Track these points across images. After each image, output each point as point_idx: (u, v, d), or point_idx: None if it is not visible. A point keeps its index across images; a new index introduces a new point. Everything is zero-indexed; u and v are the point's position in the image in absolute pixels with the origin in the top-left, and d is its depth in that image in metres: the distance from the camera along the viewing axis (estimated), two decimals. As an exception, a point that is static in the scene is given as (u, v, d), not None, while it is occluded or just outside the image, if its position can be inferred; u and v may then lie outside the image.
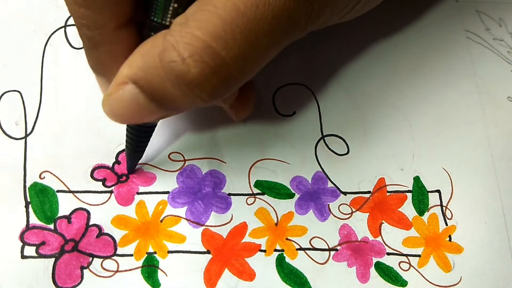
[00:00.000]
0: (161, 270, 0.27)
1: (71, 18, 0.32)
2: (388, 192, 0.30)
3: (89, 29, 0.20)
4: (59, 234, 0.27)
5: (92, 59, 0.22)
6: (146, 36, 0.21)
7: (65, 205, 0.28)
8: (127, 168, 0.28)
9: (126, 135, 0.26)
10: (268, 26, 0.19)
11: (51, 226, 0.27)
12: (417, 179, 0.30)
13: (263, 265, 0.27)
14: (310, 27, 0.21)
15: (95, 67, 0.22)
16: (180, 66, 0.18)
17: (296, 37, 0.20)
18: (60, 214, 0.28)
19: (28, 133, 0.29)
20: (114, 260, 0.27)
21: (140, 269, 0.27)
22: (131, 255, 0.27)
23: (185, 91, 0.19)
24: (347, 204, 0.29)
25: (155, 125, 0.26)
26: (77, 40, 0.32)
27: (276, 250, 0.28)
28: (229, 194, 0.29)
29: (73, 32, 0.32)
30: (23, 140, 0.29)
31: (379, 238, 0.29)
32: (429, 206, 0.30)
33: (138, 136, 0.26)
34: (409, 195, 0.30)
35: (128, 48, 0.21)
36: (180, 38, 0.18)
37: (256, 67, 0.20)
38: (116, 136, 0.30)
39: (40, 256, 0.26)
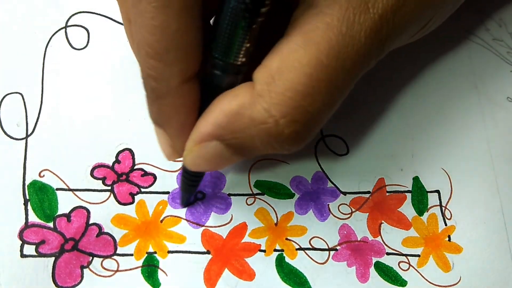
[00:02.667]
0: (161, 270, 0.27)
1: (72, 18, 0.32)
2: (387, 192, 0.30)
3: (155, 81, 0.20)
4: (58, 232, 0.27)
5: (153, 110, 0.22)
6: (211, 74, 0.21)
7: (65, 203, 0.28)
8: (182, 203, 0.28)
9: (183, 175, 0.26)
10: (348, 73, 0.19)
11: (51, 225, 0.27)
12: (416, 179, 0.30)
13: (263, 265, 0.27)
14: (377, 61, 0.22)
15: (155, 118, 0.22)
16: (274, 128, 0.19)
17: (365, 72, 0.21)
18: (60, 212, 0.28)
19: (29, 133, 0.29)
20: (114, 259, 0.27)
21: (140, 268, 0.27)
22: (131, 254, 0.27)
23: (275, 146, 0.20)
24: (346, 204, 0.29)
25: None
26: (77, 41, 0.32)
27: (276, 250, 0.28)
28: (229, 194, 0.29)
29: (73, 33, 0.32)
30: (24, 140, 0.29)
31: (378, 238, 0.29)
32: (429, 206, 0.30)
33: (194, 175, 0.26)
34: (409, 195, 0.30)
35: (191, 102, 0.21)
36: (270, 99, 0.19)
37: (335, 109, 0.21)
38: (116, 136, 0.30)
39: (40, 255, 0.26)
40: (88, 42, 0.32)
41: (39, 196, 0.28)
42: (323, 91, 0.19)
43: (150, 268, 0.27)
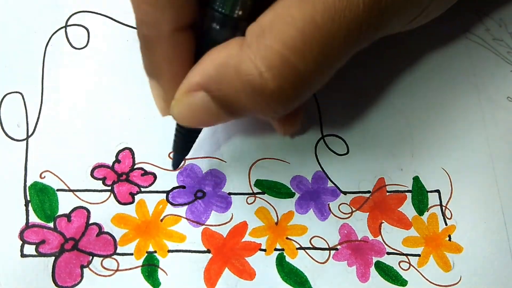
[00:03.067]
0: (161, 269, 0.27)
1: (72, 18, 0.32)
2: (387, 192, 0.30)
3: (147, 27, 0.20)
4: (59, 232, 0.27)
5: (146, 61, 0.22)
6: (209, 28, 0.20)
7: (65, 203, 0.28)
8: (174, 163, 0.28)
9: (176, 133, 0.25)
10: (343, 38, 0.19)
11: (51, 225, 0.27)
12: (416, 179, 0.30)
13: (263, 264, 0.27)
14: (376, 37, 0.21)
15: (148, 69, 0.22)
16: (258, 80, 0.19)
17: (363, 46, 0.21)
18: (60, 212, 0.28)
19: (29, 134, 0.29)
20: (114, 259, 0.27)
21: (140, 268, 0.27)
22: (131, 254, 0.27)
23: (260, 103, 0.19)
24: (347, 204, 0.29)
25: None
26: (77, 40, 0.32)
27: (276, 250, 0.28)
28: (229, 194, 0.29)
29: (73, 32, 0.32)
30: (25, 141, 0.29)
31: (379, 238, 0.29)
32: (429, 206, 0.30)
33: (188, 135, 0.25)
34: (409, 195, 0.30)
35: (184, 52, 0.21)
36: (257, 51, 0.18)
37: (327, 78, 0.20)
38: (116, 135, 0.30)
39: (40, 254, 0.26)
40: (88, 41, 0.32)
41: (40, 197, 0.28)
42: (315, 50, 0.18)
43: (150, 268, 0.27)
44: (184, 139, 0.26)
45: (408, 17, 0.23)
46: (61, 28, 0.32)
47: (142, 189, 0.29)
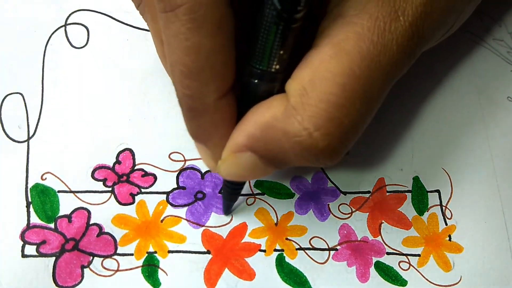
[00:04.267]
0: (162, 270, 0.27)
1: (71, 16, 0.32)
2: (387, 192, 0.30)
3: (192, 100, 0.20)
4: (59, 233, 0.27)
5: (192, 128, 0.22)
6: (248, 83, 0.21)
7: (66, 205, 0.28)
8: (225, 210, 0.28)
9: (223, 183, 0.26)
10: (381, 83, 0.19)
11: (52, 225, 0.27)
12: (416, 179, 0.30)
13: (263, 265, 0.27)
14: (409, 67, 0.21)
15: (195, 135, 0.22)
16: (308, 141, 0.19)
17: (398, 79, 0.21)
18: (61, 213, 0.28)
19: (30, 136, 0.29)
20: (115, 259, 0.27)
21: (140, 268, 0.27)
22: (132, 254, 0.27)
23: (310, 159, 0.20)
24: (347, 204, 0.29)
25: None
26: (77, 40, 0.32)
27: (276, 250, 0.28)
28: (229, 194, 0.29)
29: (73, 31, 0.32)
30: (26, 143, 0.29)
31: (379, 238, 0.29)
32: (429, 206, 0.30)
33: (236, 186, 0.26)
34: (409, 195, 0.30)
35: (228, 116, 0.21)
36: (303, 112, 0.19)
37: (370, 120, 0.21)
38: (116, 137, 0.30)
39: (41, 255, 0.26)
40: (88, 40, 0.32)
41: (41, 198, 0.28)
42: (357, 102, 0.19)
43: (150, 268, 0.27)
44: (233, 189, 0.26)
45: (435, 40, 0.23)
46: (61, 27, 0.32)
47: (143, 190, 0.29)
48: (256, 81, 0.20)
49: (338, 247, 0.28)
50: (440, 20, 0.21)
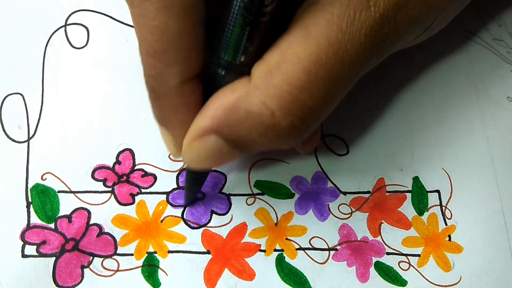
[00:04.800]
0: (162, 270, 0.27)
1: (71, 17, 0.32)
2: (387, 192, 0.30)
3: (154, 81, 0.20)
4: (59, 233, 0.27)
5: (155, 110, 0.22)
6: (214, 74, 0.21)
7: (66, 205, 0.28)
8: (186, 201, 0.28)
9: (186, 173, 0.26)
10: (347, 71, 0.20)
11: (52, 226, 0.27)
12: (416, 179, 0.30)
13: (263, 265, 0.27)
14: (380, 60, 0.22)
15: (158, 117, 0.23)
16: (270, 120, 0.19)
17: (366, 71, 0.21)
18: (61, 214, 0.28)
19: (30, 136, 0.29)
20: (115, 259, 0.27)
21: (140, 268, 0.27)
22: (132, 254, 0.27)
23: (273, 139, 0.20)
24: (346, 204, 0.29)
25: None
26: (77, 40, 0.32)
27: (276, 250, 0.28)
28: (229, 195, 0.29)
29: (73, 31, 0.32)
30: (26, 143, 0.29)
31: (378, 238, 0.29)
32: (429, 206, 0.30)
33: (198, 176, 0.26)
34: (409, 195, 0.30)
35: (192, 100, 0.21)
36: (267, 92, 0.19)
37: (334, 106, 0.21)
38: (116, 137, 0.30)
39: (41, 255, 0.26)
40: (88, 40, 0.32)
41: (41, 198, 0.28)
42: (321, 87, 0.19)
43: (150, 268, 0.27)
44: (196, 179, 0.26)
45: (412, 37, 0.23)
46: (61, 27, 0.32)
47: (143, 190, 0.29)
48: (222, 72, 0.20)
49: (338, 247, 0.28)
50: (416, 15, 0.21)
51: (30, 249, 0.27)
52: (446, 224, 0.29)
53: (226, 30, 0.19)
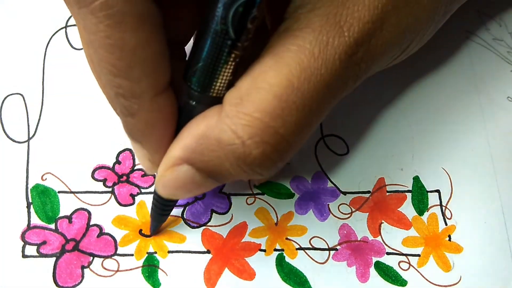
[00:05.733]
0: (162, 270, 0.27)
1: (72, 18, 0.32)
2: (387, 192, 0.30)
3: (125, 99, 0.19)
4: (60, 233, 0.27)
5: (128, 127, 0.21)
6: (186, 104, 0.20)
7: (66, 205, 0.28)
8: (152, 230, 0.27)
9: (153, 202, 0.25)
10: (321, 97, 0.19)
11: (52, 226, 0.27)
12: (416, 179, 0.30)
13: (263, 265, 0.27)
14: (356, 85, 0.21)
15: (131, 135, 0.22)
16: (241, 149, 0.19)
17: (343, 96, 0.21)
18: (61, 214, 0.28)
19: (30, 136, 0.29)
20: (115, 259, 0.27)
21: (140, 268, 0.27)
22: (132, 254, 0.27)
23: (245, 169, 0.20)
24: (346, 204, 0.29)
25: None
26: (77, 41, 0.32)
27: (276, 250, 0.28)
28: (229, 194, 0.29)
29: (73, 32, 0.32)
30: (26, 143, 0.29)
31: (378, 238, 0.29)
32: (429, 206, 0.30)
33: (165, 204, 0.25)
34: (409, 195, 0.30)
35: (165, 114, 0.21)
36: (237, 120, 0.18)
37: (310, 133, 0.20)
38: (116, 137, 0.30)
39: (41, 255, 0.26)
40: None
41: (42, 199, 0.28)
42: (294, 113, 0.19)
43: (150, 268, 0.27)
44: (162, 208, 0.25)
45: (389, 59, 0.23)
46: (61, 28, 0.32)
47: (143, 190, 0.29)
48: (193, 103, 0.20)
49: (338, 247, 0.28)
50: (391, 39, 0.21)
51: (31, 250, 0.27)
52: (446, 224, 0.29)
53: (201, 61, 0.19)
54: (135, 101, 0.19)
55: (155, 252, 0.27)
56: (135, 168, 0.29)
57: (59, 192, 0.28)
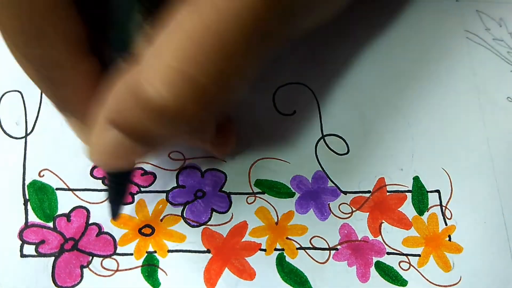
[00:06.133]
0: (161, 269, 0.27)
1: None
2: (388, 192, 0.30)
3: (47, 70, 0.18)
4: (58, 232, 0.27)
5: (56, 101, 0.20)
6: (111, 59, 0.19)
7: (65, 203, 0.28)
8: (112, 214, 0.26)
9: (107, 181, 0.24)
10: (243, 40, 0.17)
11: (50, 225, 0.27)
12: (416, 179, 0.30)
13: (263, 264, 0.27)
14: (287, 36, 0.20)
15: (61, 108, 0.21)
16: (158, 101, 0.17)
17: (276, 47, 0.19)
18: (60, 212, 0.28)
19: (28, 132, 0.29)
20: (114, 259, 0.27)
21: (140, 268, 0.27)
22: (131, 254, 0.27)
23: (166, 125, 0.18)
24: (347, 204, 0.29)
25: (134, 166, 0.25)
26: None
27: (276, 249, 0.28)
28: (229, 193, 0.29)
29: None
30: (23, 139, 0.29)
31: (379, 238, 0.29)
32: (429, 206, 0.30)
33: (120, 178, 0.24)
34: (409, 195, 0.30)
35: (93, 79, 0.20)
36: (153, 71, 0.17)
37: (237, 84, 0.19)
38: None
39: (40, 255, 0.26)
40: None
41: (39, 196, 0.28)
42: (213, 58, 0.17)
43: (150, 268, 0.27)
44: (113, 186, 0.24)
45: (321, 8, 0.22)
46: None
47: (142, 189, 0.29)
48: (117, 55, 0.19)
49: (338, 247, 0.28)
50: None
51: (29, 249, 0.26)
52: (446, 224, 0.29)
53: (118, 22, 0.18)
54: (57, 71, 0.19)
55: (155, 252, 0.27)
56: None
57: (57, 189, 0.28)
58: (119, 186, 0.24)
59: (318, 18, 0.22)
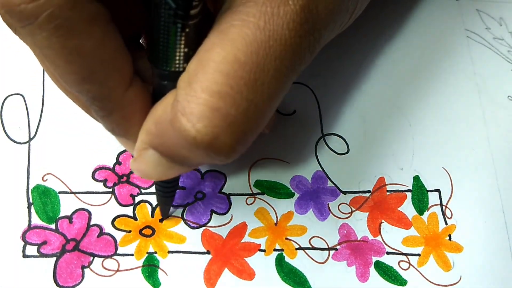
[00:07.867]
0: (162, 270, 0.27)
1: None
2: (387, 191, 0.30)
3: (97, 101, 0.19)
4: (60, 233, 0.27)
5: (108, 126, 0.21)
6: (158, 85, 0.20)
7: (67, 205, 0.28)
8: (162, 214, 0.28)
9: (155, 187, 0.26)
10: (273, 71, 0.18)
11: (53, 226, 0.27)
12: (416, 179, 0.30)
13: (263, 265, 0.27)
14: (313, 55, 0.20)
15: (113, 132, 0.22)
16: (192, 133, 0.17)
17: (303, 68, 0.20)
18: (62, 214, 0.28)
19: (31, 137, 0.30)
20: (115, 259, 0.27)
21: (140, 268, 0.27)
22: (132, 254, 0.27)
23: (203, 155, 0.19)
24: (346, 204, 0.29)
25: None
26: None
27: (275, 250, 0.28)
28: (229, 194, 0.29)
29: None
30: (27, 144, 0.29)
31: (378, 238, 0.29)
32: (429, 206, 0.30)
33: (165, 187, 0.26)
34: (409, 194, 0.30)
35: (141, 104, 0.20)
36: (186, 103, 0.17)
37: (270, 111, 0.19)
38: (116, 137, 0.30)
39: (42, 255, 0.27)
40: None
41: (42, 199, 0.28)
42: (243, 90, 0.17)
43: (150, 268, 0.27)
44: (162, 190, 0.26)
45: (340, 25, 0.22)
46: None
47: (143, 191, 0.29)
48: (165, 82, 0.20)
49: (338, 247, 0.28)
50: (337, 2, 0.20)
51: (31, 250, 0.27)
52: (446, 224, 0.29)
53: (160, 40, 0.19)
54: (107, 102, 0.19)
55: (155, 252, 0.27)
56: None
57: (59, 192, 0.28)
58: (165, 192, 0.26)
59: (338, 32, 0.23)
